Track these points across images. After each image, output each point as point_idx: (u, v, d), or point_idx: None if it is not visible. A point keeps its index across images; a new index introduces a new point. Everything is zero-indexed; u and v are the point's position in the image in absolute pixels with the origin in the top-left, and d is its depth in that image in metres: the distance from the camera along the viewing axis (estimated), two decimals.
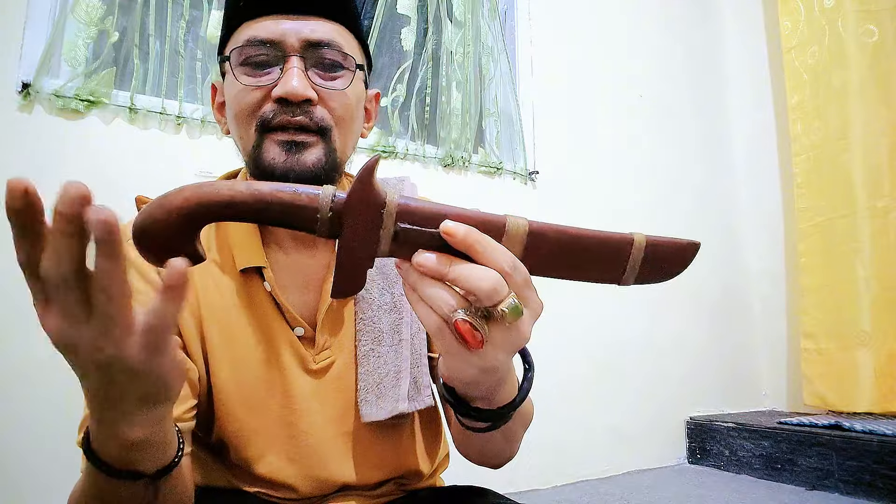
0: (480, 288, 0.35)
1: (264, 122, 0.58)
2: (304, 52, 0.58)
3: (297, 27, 0.58)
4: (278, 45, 0.58)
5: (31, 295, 0.35)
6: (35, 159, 1.28)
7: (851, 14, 2.10)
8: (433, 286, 0.37)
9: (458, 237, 0.36)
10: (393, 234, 0.37)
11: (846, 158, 2.09)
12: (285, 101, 0.57)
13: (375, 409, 0.62)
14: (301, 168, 0.57)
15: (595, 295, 2.08)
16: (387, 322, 0.65)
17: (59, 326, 0.34)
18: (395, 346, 0.64)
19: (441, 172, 1.86)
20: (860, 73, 2.08)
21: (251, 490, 0.62)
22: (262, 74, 0.58)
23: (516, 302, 0.36)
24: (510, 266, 0.37)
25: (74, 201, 0.31)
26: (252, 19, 0.59)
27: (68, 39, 1.35)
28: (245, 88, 0.58)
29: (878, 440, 1.63)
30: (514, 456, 0.64)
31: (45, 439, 1.21)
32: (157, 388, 0.37)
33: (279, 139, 0.57)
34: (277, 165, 0.57)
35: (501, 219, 0.38)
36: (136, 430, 0.39)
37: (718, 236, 2.47)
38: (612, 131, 2.26)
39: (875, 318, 2.00)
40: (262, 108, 0.58)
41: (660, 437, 2.13)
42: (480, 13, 1.99)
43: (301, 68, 0.57)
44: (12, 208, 0.31)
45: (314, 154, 0.58)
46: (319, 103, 0.58)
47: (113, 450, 0.41)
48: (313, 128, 0.58)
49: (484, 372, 0.40)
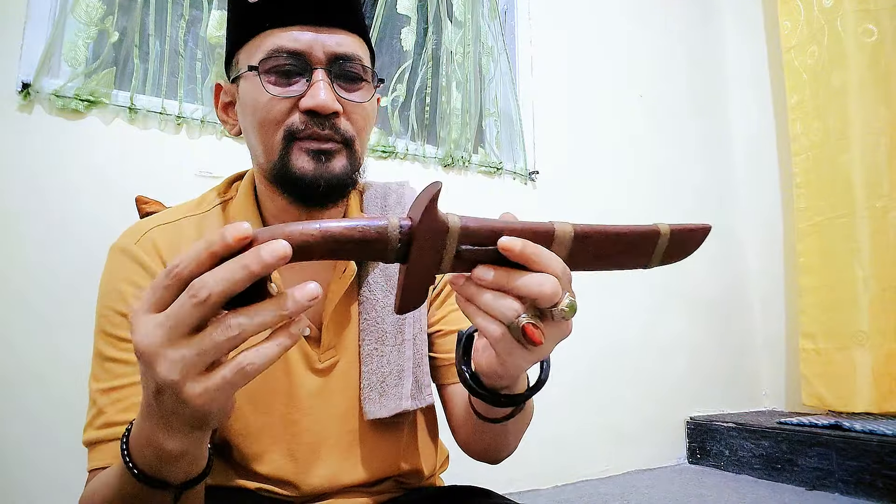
0: (543, 293, 0.39)
1: (292, 133, 0.59)
2: (329, 65, 0.59)
3: (323, 40, 0.59)
4: (305, 57, 0.59)
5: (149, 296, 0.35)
6: (35, 159, 1.28)
7: (851, 14, 2.10)
8: (495, 296, 0.40)
9: (516, 251, 0.39)
10: (455, 253, 0.39)
11: (845, 158, 2.09)
12: (313, 113, 0.58)
13: (378, 406, 0.64)
14: (330, 175, 0.59)
15: (595, 295, 2.09)
16: (390, 322, 0.67)
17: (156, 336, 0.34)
18: (397, 345, 0.66)
19: (441, 172, 1.86)
20: (859, 73, 2.08)
21: (253, 487, 0.63)
22: (288, 84, 0.59)
23: (572, 300, 0.41)
24: (562, 270, 0.41)
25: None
26: (279, 27, 0.59)
27: (68, 39, 1.35)
28: (273, 98, 0.59)
29: (878, 440, 1.63)
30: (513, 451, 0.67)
31: (47, 437, 1.21)
32: (207, 419, 0.38)
33: (308, 147, 0.59)
34: (307, 173, 0.59)
35: (549, 227, 0.41)
36: (174, 443, 0.40)
37: (718, 236, 2.46)
38: (612, 131, 2.26)
39: (873, 318, 2.00)
40: (289, 117, 0.59)
41: (660, 437, 2.14)
42: (480, 13, 1.99)
43: (327, 81, 0.59)
44: (228, 248, 0.33)
45: (340, 162, 0.60)
46: (343, 115, 0.60)
47: (147, 456, 0.42)
48: (339, 139, 0.60)
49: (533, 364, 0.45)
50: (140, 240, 0.62)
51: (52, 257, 1.27)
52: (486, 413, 0.56)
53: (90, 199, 1.31)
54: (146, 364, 0.35)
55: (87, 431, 0.57)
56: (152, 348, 0.34)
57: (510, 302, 0.40)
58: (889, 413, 1.94)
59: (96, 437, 0.56)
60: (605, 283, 2.12)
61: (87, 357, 0.64)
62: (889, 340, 1.98)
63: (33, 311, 1.24)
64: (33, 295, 1.24)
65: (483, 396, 0.49)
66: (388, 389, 0.64)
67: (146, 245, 0.62)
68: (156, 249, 0.62)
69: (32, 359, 1.23)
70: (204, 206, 0.68)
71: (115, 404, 0.56)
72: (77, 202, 1.30)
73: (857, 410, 1.98)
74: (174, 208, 0.69)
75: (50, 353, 1.24)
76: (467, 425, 0.66)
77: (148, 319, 0.35)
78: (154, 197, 1.35)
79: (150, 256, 0.61)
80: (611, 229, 0.43)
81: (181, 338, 0.34)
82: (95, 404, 0.57)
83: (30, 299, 1.24)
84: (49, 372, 1.23)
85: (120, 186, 1.33)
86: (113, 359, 0.58)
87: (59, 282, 1.26)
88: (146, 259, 0.61)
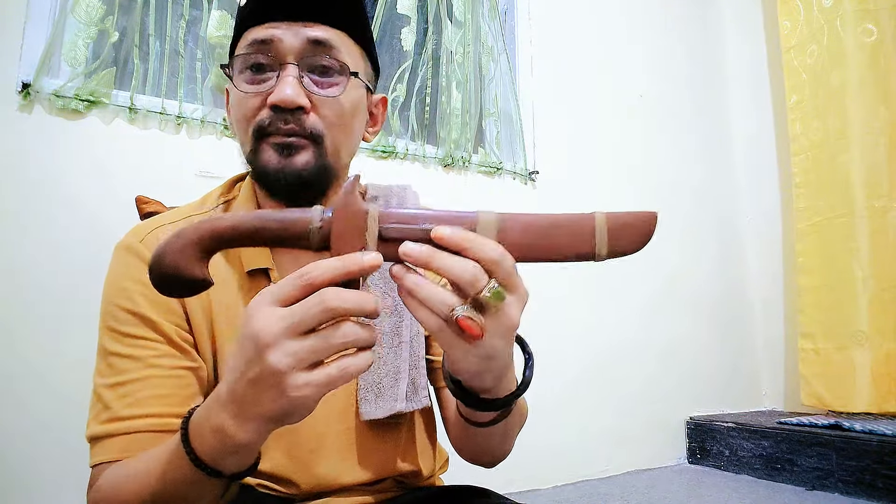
0: (462, 277, 0.39)
1: (261, 129, 0.60)
2: (300, 59, 0.60)
3: (295, 33, 0.59)
4: (276, 51, 0.59)
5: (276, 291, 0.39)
6: (35, 159, 1.28)
7: (850, 13, 2.10)
8: (429, 288, 0.40)
9: (447, 237, 0.39)
10: (378, 235, 0.40)
11: (845, 158, 2.09)
12: (279, 108, 0.58)
13: (374, 407, 0.64)
14: (291, 169, 0.60)
15: (595, 295, 2.09)
16: (388, 325, 0.67)
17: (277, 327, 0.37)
18: (394, 347, 0.67)
19: (441, 172, 1.86)
20: (859, 73, 2.08)
21: (254, 483, 0.63)
22: (260, 81, 0.60)
23: (498, 287, 0.39)
24: (499, 255, 0.40)
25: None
26: (256, 25, 0.60)
27: (68, 39, 1.35)
28: (245, 95, 0.60)
29: (878, 440, 1.63)
30: (507, 455, 0.66)
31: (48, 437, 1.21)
32: (293, 413, 0.40)
33: (273, 142, 0.60)
34: (270, 167, 0.60)
35: (472, 215, 0.42)
36: (245, 434, 0.41)
37: (718, 236, 2.47)
38: (612, 131, 2.26)
39: (873, 318, 1.99)
40: (258, 114, 0.60)
41: (659, 437, 2.14)
42: (480, 13, 1.99)
43: (295, 76, 0.59)
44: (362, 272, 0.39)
45: (304, 157, 0.60)
46: (312, 110, 0.60)
47: (211, 444, 0.43)
48: (304, 134, 0.60)
49: (486, 360, 0.43)
50: (145, 238, 0.63)
51: (52, 257, 1.26)
52: (470, 417, 0.56)
53: (90, 199, 1.31)
54: (258, 351, 0.37)
55: (92, 426, 0.57)
56: (270, 337, 0.37)
57: (445, 294, 0.39)
58: (889, 413, 1.94)
59: (103, 432, 0.56)
60: (605, 283, 2.12)
61: (88, 355, 0.64)
62: (888, 340, 1.98)
63: (33, 311, 1.24)
64: (33, 294, 1.24)
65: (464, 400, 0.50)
66: (385, 391, 0.65)
67: (151, 243, 0.62)
68: None
69: (32, 358, 1.23)
70: (206, 206, 0.68)
71: (122, 399, 0.56)
72: (77, 202, 1.30)
73: (857, 410, 1.98)
74: (177, 209, 0.70)
75: (50, 353, 1.24)
76: (457, 428, 0.66)
77: (271, 311, 0.38)
78: (154, 197, 1.35)
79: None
80: (539, 216, 0.43)
81: (299, 334, 0.37)
82: (101, 399, 0.57)
83: (30, 299, 1.24)
84: (49, 371, 1.23)
85: (120, 186, 1.33)
86: (118, 354, 0.58)
87: (60, 281, 1.26)
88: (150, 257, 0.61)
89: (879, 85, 2.06)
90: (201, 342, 0.62)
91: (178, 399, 0.57)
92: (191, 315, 0.61)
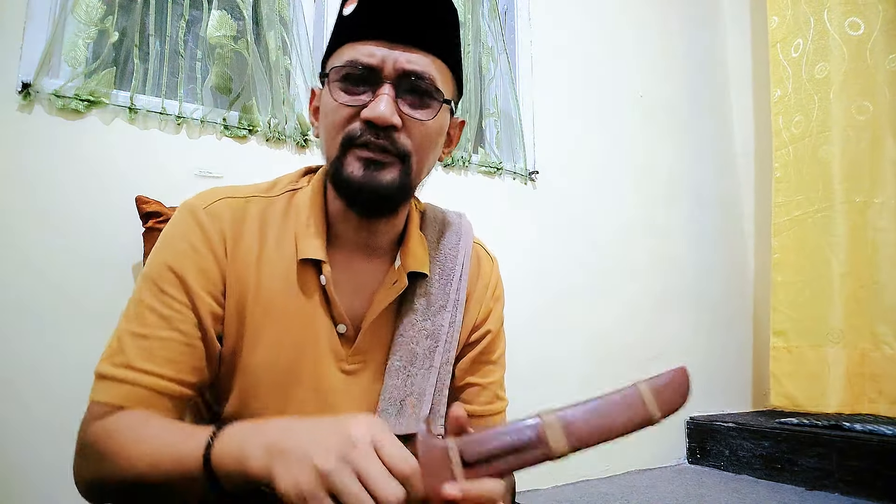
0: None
1: (350, 139, 0.61)
2: (397, 81, 0.61)
3: (395, 56, 0.61)
4: (375, 71, 0.61)
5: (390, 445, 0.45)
6: (35, 159, 1.28)
7: (837, 7, 2.07)
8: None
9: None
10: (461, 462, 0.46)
11: (825, 152, 2.05)
12: (372, 124, 0.60)
13: (393, 423, 0.65)
14: (376, 184, 0.61)
15: (595, 296, 2.09)
16: (423, 346, 0.69)
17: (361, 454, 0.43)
18: (425, 370, 0.68)
19: (441, 172, 1.86)
20: (844, 67, 2.05)
21: None
22: (355, 94, 0.62)
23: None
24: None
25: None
26: (356, 41, 0.62)
27: (68, 39, 1.35)
28: (339, 105, 0.62)
29: (878, 440, 1.64)
30: None
31: (48, 437, 1.21)
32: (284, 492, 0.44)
33: (361, 155, 0.61)
34: (355, 179, 0.61)
35: (536, 424, 0.49)
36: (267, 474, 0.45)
37: (719, 236, 2.47)
38: (613, 131, 2.26)
39: (848, 316, 1.94)
40: (350, 125, 0.62)
41: (660, 437, 2.13)
42: (480, 13, 1.99)
43: (391, 95, 0.60)
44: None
45: (390, 174, 0.62)
46: (403, 130, 0.62)
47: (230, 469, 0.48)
48: (394, 152, 0.62)
49: None
50: (210, 205, 0.64)
51: (51, 257, 1.26)
52: None
53: (90, 199, 1.31)
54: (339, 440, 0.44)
55: (103, 363, 0.59)
56: (348, 449, 0.43)
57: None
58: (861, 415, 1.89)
59: (111, 373, 0.58)
60: (605, 283, 2.12)
61: (88, 357, 0.64)
62: (864, 339, 1.92)
63: (33, 311, 1.24)
64: (33, 294, 1.24)
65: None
66: (406, 410, 0.66)
67: (214, 211, 0.64)
68: (220, 219, 0.64)
69: (32, 358, 1.23)
70: (274, 191, 0.69)
71: (140, 351, 0.58)
72: (77, 202, 1.30)
73: (829, 411, 1.93)
74: (248, 186, 0.71)
75: (50, 353, 1.24)
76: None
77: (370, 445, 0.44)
78: (154, 197, 1.35)
79: (212, 223, 0.63)
80: (592, 403, 0.51)
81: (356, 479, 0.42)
82: (120, 342, 0.59)
83: (29, 299, 1.24)
84: (49, 371, 1.23)
85: (120, 186, 1.33)
86: (151, 307, 0.60)
87: (60, 281, 1.26)
88: (208, 224, 0.63)
89: (865, 79, 2.03)
90: (229, 315, 0.63)
91: (187, 368, 0.60)
92: (228, 289, 0.63)
